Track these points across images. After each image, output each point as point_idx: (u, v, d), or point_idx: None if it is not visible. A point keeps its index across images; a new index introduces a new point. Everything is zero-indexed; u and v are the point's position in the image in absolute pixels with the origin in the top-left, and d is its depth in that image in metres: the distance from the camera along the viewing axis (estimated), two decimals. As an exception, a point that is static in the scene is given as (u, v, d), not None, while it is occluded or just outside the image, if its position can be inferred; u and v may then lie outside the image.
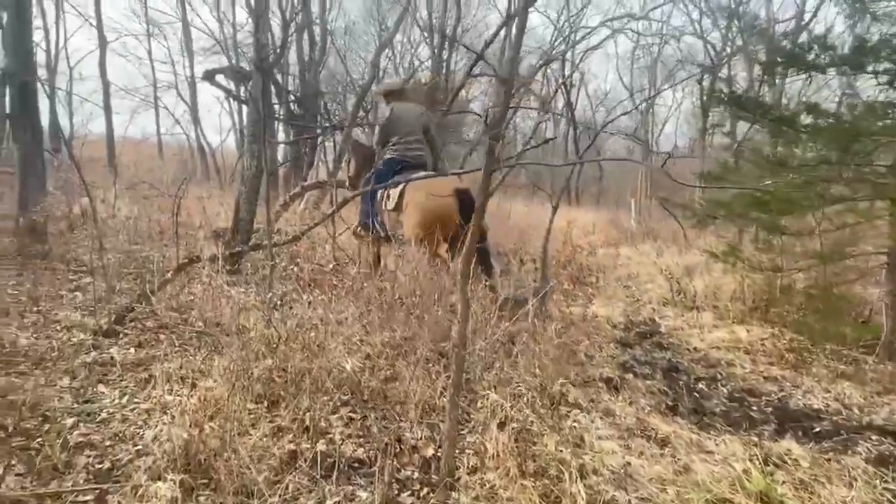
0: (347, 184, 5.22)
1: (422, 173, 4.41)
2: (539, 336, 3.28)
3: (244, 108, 15.60)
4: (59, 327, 3.44)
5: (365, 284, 3.25)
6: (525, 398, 2.63)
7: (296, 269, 4.09)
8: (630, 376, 3.43)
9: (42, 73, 14.13)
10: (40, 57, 14.40)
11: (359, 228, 4.82)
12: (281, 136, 13.09)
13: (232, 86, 13.85)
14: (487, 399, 2.56)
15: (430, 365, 2.79)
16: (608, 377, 3.32)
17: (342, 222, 5.04)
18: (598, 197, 20.83)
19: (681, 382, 3.48)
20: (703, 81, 14.17)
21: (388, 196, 4.43)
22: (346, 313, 3.28)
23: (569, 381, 3.00)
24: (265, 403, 2.52)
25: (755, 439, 2.67)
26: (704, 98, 13.92)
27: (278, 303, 3.01)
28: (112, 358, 3.08)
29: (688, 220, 8.83)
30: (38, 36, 14.23)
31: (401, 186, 4.32)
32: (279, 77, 11.09)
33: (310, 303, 2.97)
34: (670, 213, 10.02)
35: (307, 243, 5.09)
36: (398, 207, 4.32)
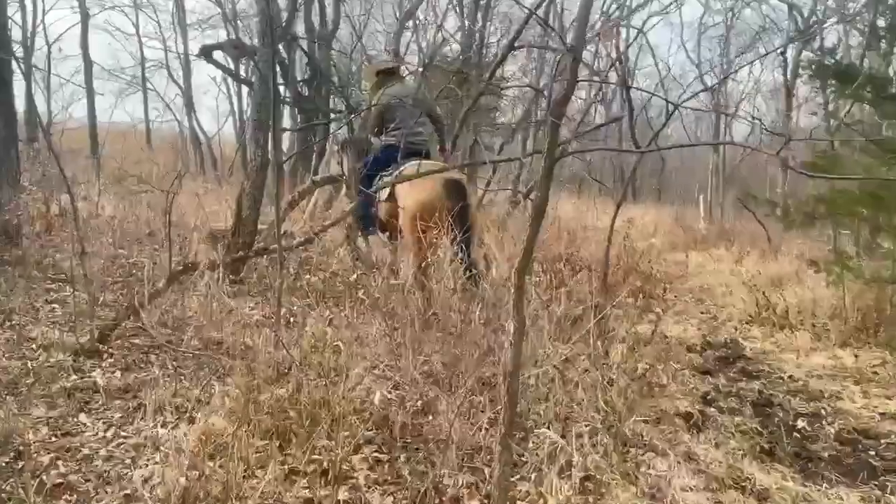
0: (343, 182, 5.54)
1: (414, 162, 4.59)
2: (601, 360, 3.20)
3: (245, 90, 15.79)
4: (34, 346, 3.46)
5: (393, 297, 3.19)
6: (589, 437, 2.53)
7: (310, 277, 4.06)
8: (713, 411, 3.32)
9: (17, 50, 14.47)
10: (15, 33, 14.74)
11: (355, 223, 5.10)
12: (287, 122, 13.17)
13: (231, 64, 14.02)
14: (544, 439, 2.46)
15: (473, 396, 2.71)
16: (687, 412, 3.20)
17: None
18: (658, 192, 20.56)
19: (777, 419, 3.34)
20: (787, 53, 13.83)
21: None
22: (369, 331, 3.23)
23: (641, 416, 2.88)
24: (275, 440, 2.47)
25: (878, 493, 2.52)
26: (789, 73, 13.61)
27: (290, 319, 2.97)
28: (95, 383, 3.09)
29: (773, 219, 8.61)
30: (12, 9, 14.57)
31: (394, 175, 4.63)
32: (285, 54, 11.13)
33: (330, 321, 2.91)
34: (750, 212, 9.80)
35: (319, 248, 5.09)
36: (391, 198, 4.62)
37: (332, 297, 3.88)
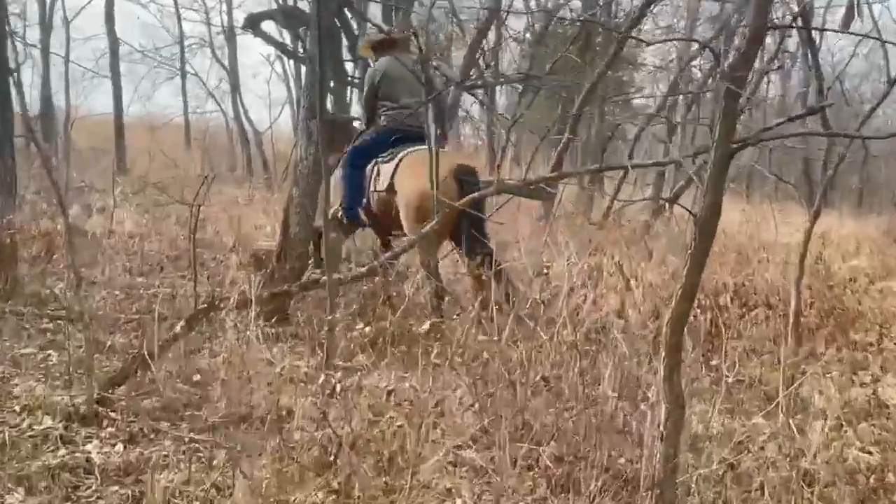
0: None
1: (416, 147, 5.06)
2: (794, 445, 2.94)
3: (304, 70, 16.08)
4: (17, 407, 3.45)
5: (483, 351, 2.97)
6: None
7: (364, 327, 3.93)
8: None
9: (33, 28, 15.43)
10: (32, 10, 15.71)
11: (340, 214, 5.50)
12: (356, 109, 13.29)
13: (288, 38, 14.30)
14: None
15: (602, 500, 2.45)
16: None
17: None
18: (859, 196, 19.61)
19: None
20: None
21: (379, 174, 5.19)
22: (447, 396, 3.03)
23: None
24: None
25: None
26: None
27: (337, 385, 2.80)
28: (88, 459, 3.02)
29: None
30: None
31: (394, 162, 5.08)
32: (353, 20, 11.21)
33: (389, 393, 2.73)
34: None
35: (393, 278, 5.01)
36: (391, 189, 5.03)
37: (402, 350, 3.71)
